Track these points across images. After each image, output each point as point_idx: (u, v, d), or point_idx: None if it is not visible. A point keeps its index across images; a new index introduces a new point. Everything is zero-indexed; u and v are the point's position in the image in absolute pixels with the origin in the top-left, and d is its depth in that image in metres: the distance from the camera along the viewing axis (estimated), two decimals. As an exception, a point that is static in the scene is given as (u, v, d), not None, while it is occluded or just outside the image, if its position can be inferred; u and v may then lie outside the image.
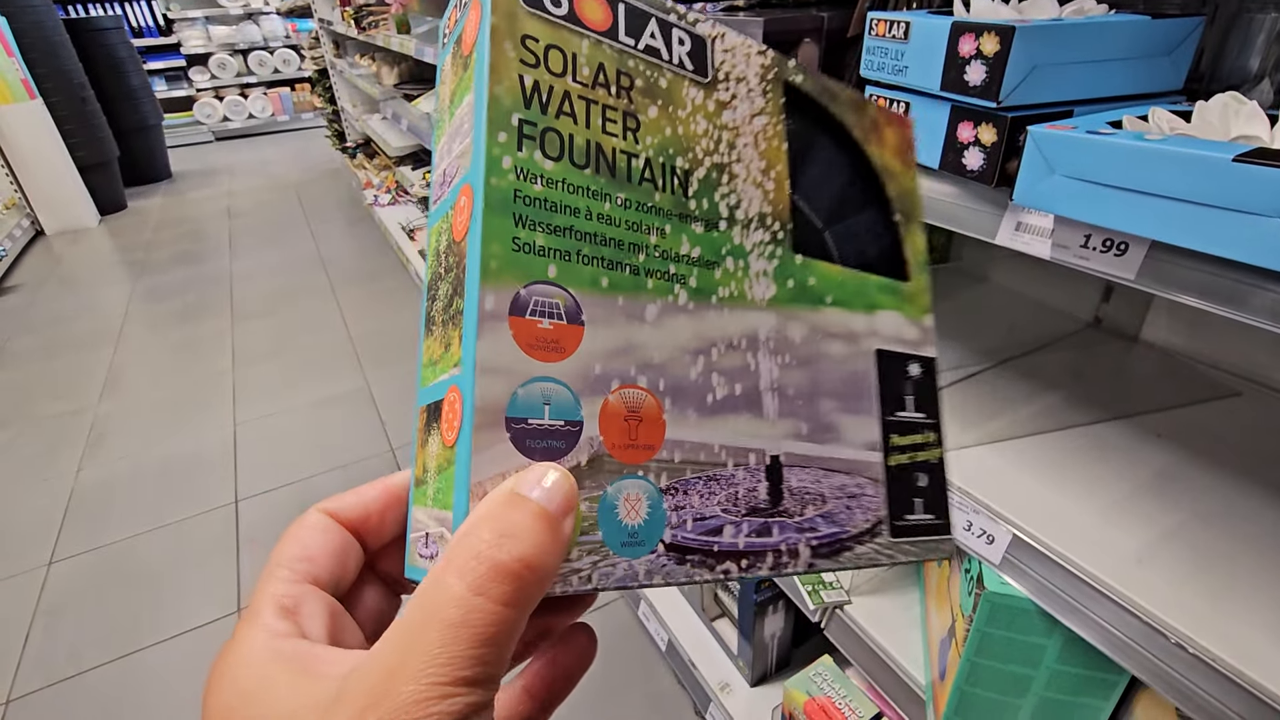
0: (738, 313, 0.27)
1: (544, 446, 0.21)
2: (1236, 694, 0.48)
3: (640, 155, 0.25)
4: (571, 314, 0.23)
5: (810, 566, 0.26)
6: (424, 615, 0.18)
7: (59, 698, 1.41)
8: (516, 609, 0.18)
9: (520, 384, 0.21)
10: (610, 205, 0.24)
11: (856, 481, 0.29)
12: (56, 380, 2.55)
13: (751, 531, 0.25)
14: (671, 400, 0.24)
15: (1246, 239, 0.37)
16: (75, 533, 1.83)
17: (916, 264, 0.33)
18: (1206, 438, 0.73)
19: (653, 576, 0.22)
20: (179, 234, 4.05)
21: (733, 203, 0.27)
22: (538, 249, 0.22)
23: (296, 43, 6.37)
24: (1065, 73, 0.50)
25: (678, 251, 0.25)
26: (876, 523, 0.29)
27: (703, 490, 0.24)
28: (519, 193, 0.22)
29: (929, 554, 0.30)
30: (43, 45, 4.04)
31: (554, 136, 0.23)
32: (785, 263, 0.28)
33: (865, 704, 0.91)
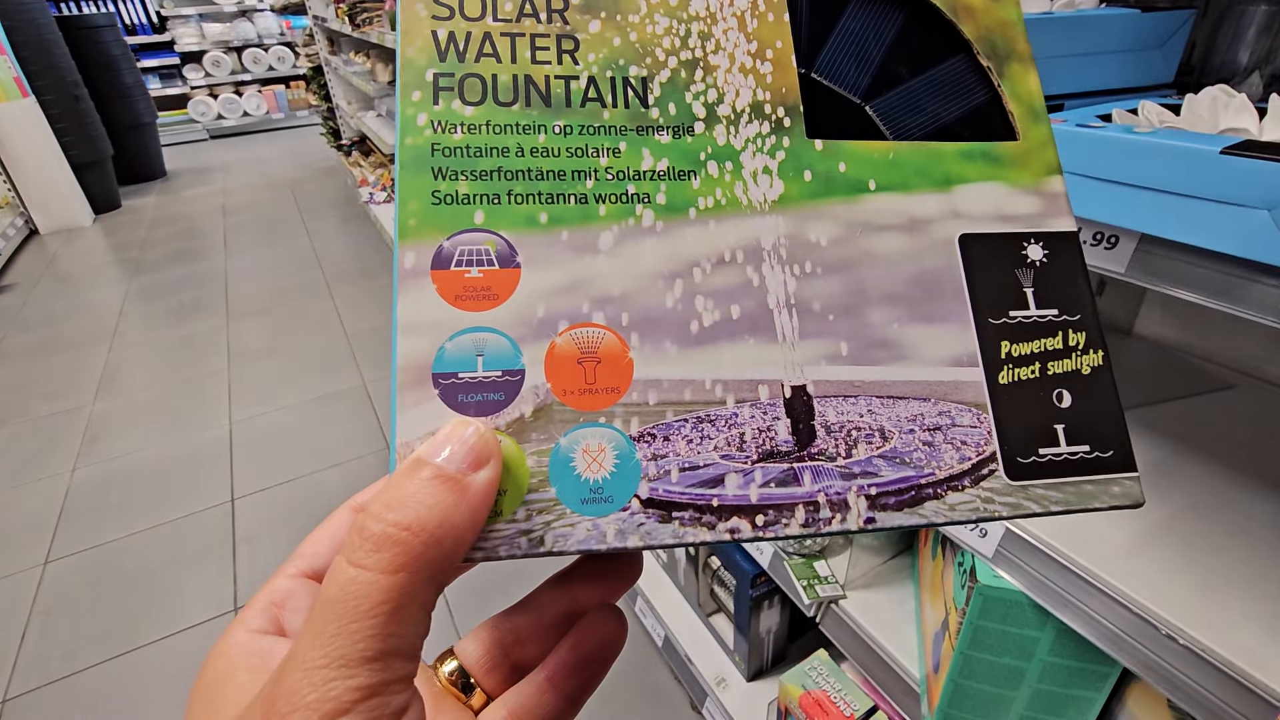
0: (728, 223, 0.22)
1: (478, 400, 0.20)
2: (1227, 685, 0.49)
3: (581, 76, 0.23)
4: (504, 258, 0.21)
5: (869, 522, 0.21)
6: (318, 600, 0.17)
7: (55, 697, 1.41)
8: (402, 574, 0.17)
9: (448, 337, 0.20)
10: (546, 136, 0.22)
11: (941, 409, 0.22)
12: (51, 379, 2.55)
13: (769, 481, 0.21)
14: (640, 335, 0.21)
15: (1235, 231, 0.37)
16: (71, 532, 1.82)
17: (1026, 114, 0.26)
18: (1199, 431, 0.73)
19: (626, 537, 0.19)
20: (174, 232, 4.04)
21: (711, 99, 0.23)
22: (461, 198, 0.21)
23: (291, 40, 6.35)
24: (1056, 66, 0.50)
25: (637, 169, 0.22)
26: (981, 460, 0.22)
27: (690, 435, 0.21)
28: (436, 146, 0.21)
29: (1089, 502, 0.22)
30: (35, 43, 4.02)
31: (474, 81, 0.22)
32: (797, 153, 0.23)
33: (860, 697, 0.92)
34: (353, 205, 4.27)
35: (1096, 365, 0.23)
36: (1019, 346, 0.23)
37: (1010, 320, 0.23)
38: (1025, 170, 0.25)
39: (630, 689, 1.38)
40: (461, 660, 0.26)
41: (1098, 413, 0.23)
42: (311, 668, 0.16)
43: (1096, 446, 0.22)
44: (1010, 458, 0.22)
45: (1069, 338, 0.23)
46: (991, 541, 0.63)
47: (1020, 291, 0.24)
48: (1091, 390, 0.23)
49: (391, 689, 0.17)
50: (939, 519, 0.21)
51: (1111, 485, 0.22)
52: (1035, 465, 0.22)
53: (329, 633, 0.16)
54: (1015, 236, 0.24)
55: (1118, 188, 0.42)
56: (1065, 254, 0.24)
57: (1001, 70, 0.26)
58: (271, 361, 2.58)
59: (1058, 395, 0.23)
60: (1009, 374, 0.23)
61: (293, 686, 0.16)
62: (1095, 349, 0.23)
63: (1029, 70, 0.26)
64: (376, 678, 0.16)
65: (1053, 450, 0.22)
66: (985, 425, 0.22)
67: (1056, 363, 0.23)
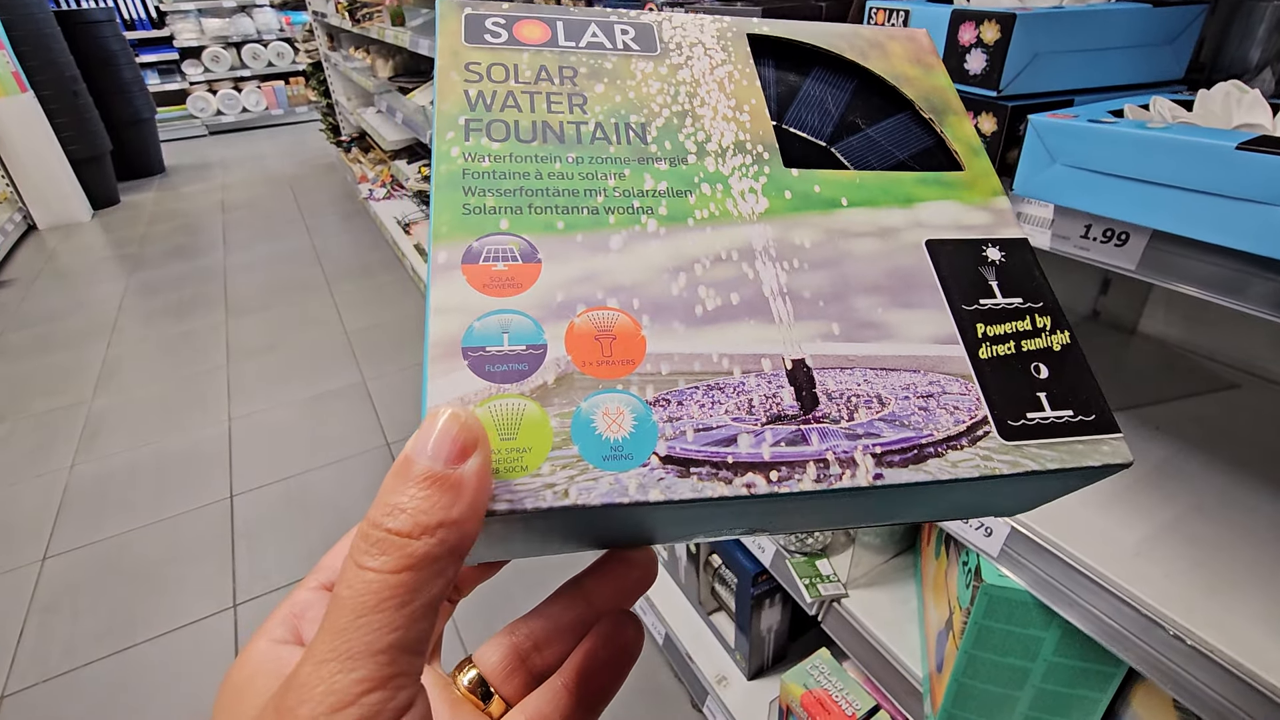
0: (723, 229, 0.25)
1: (504, 370, 0.21)
2: (1233, 685, 0.48)
3: (589, 121, 0.26)
4: (527, 254, 0.23)
5: (878, 478, 0.22)
6: (330, 602, 0.18)
7: (54, 693, 1.41)
8: (407, 573, 0.17)
9: (476, 318, 0.22)
10: (562, 164, 0.25)
11: (930, 379, 0.24)
12: (50, 375, 2.54)
13: (780, 440, 0.22)
14: (650, 317, 0.23)
15: (1249, 227, 0.36)
16: (70, 528, 1.82)
17: (968, 151, 0.30)
18: (1205, 430, 0.73)
19: (647, 490, 0.21)
20: (173, 228, 4.03)
21: (700, 139, 0.27)
22: (488, 209, 0.24)
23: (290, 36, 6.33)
24: (1066, 61, 0.50)
25: (641, 189, 0.25)
26: (974, 424, 0.24)
27: (703, 400, 0.22)
28: (467, 171, 0.24)
29: (1083, 459, 0.24)
30: (34, 38, 4.01)
31: (500, 125, 0.26)
32: (777, 178, 0.27)
33: (862, 697, 0.91)
34: (352, 202, 4.26)
35: (1066, 343, 0.26)
36: (993, 328, 0.26)
37: (981, 306, 0.26)
38: (975, 192, 0.29)
39: (631, 687, 1.37)
40: (480, 668, 0.26)
41: (1075, 382, 0.25)
42: (320, 661, 0.17)
43: (1079, 411, 0.24)
44: (1001, 420, 0.24)
45: (1036, 320, 0.26)
46: (997, 540, 0.63)
47: (986, 284, 0.27)
48: (1065, 364, 0.25)
49: (396, 683, 0.17)
50: (944, 475, 0.22)
51: (1100, 444, 0.24)
52: (1025, 427, 0.24)
53: (337, 628, 0.17)
54: (974, 241, 0.28)
55: (1130, 183, 0.41)
56: (1020, 255, 0.28)
57: (941, 121, 0.30)
58: (271, 358, 2.58)
59: (1035, 368, 0.25)
60: (988, 350, 0.25)
61: (302, 680, 0.17)
62: (1061, 330, 0.26)
63: (964, 120, 0.31)
64: (382, 671, 0.17)
65: (1040, 414, 0.24)
66: (973, 393, 0.24)
67: (1029, 341, 0.26)
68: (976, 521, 0.65)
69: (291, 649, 0.22)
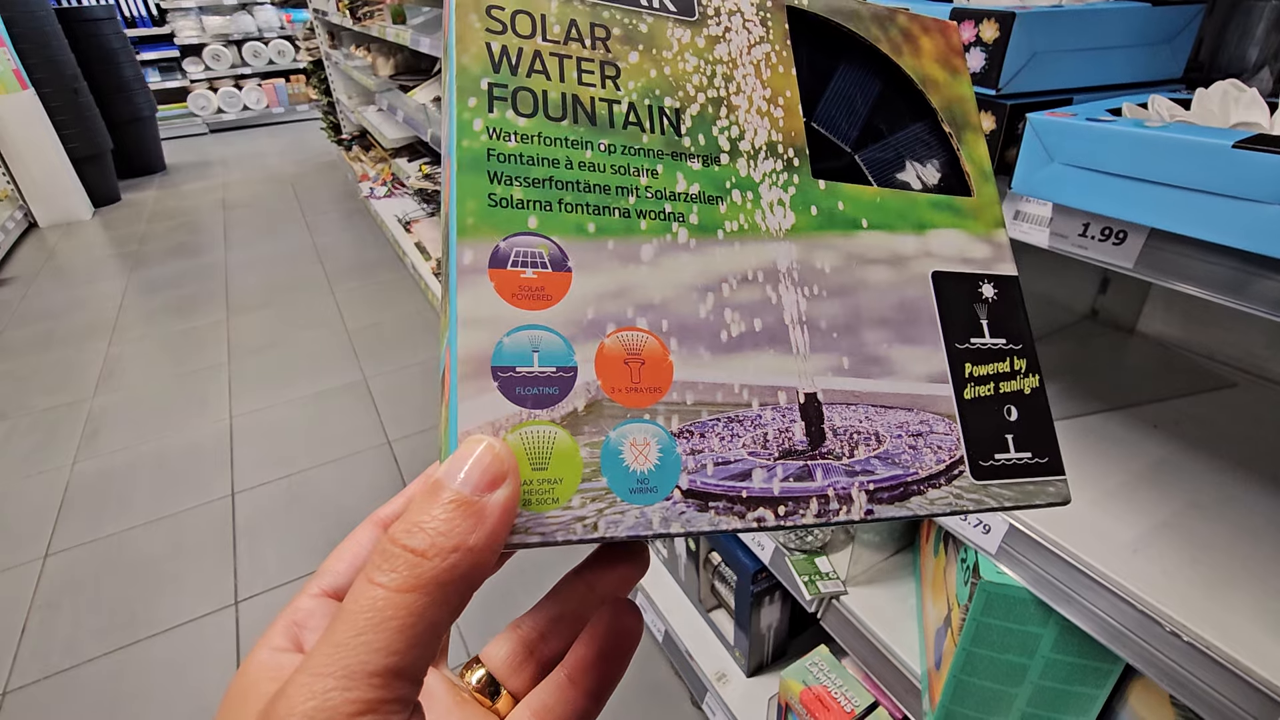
0: (750, 245, 0.25)
1: (535, 394, 0.21)
2: (1230, 681, 0.49)
3: (623, 101, 0.25)
4: (557, 262, 0.22)
5: (869, 514, 0.24)
6: (337, 612, 0.18)
7: (56, 690, 1.41)
8: (415, 594, 0.17)
9: (505, 333, 0.21)
10: (593, 152, 0.24)
11: (921, 418, 0.26)
12: (51, 373, 2.54)
13: (789, 476, 0.23)
14: (678, 340, 0.23)
15: (1246, 226, 0.37)
16: (71, 525, 1.82)
17: (979, 175, 0.30)
18: (1202, 428, 0.73)
19: (670, 524, 0.21)
20: (173, 226, 4.03)
21: (734, 135, 0.26)
22: (516, 202, 0.22)
23: (291, 33, 6.33)
24: (1065, 60, 0.50)
25: (673, 190, 0.25)
26: (953, 464, 0.25)
27: (723, 433, 0.23)
28: (492, 151, 0.23)
29: (1032, 499, 0.26)
30: (34, 35, 4.01)
31: (526, 95, 0.24)
32: (805, 190, 0.27)
33: (861, 693, 0.92)
34: (353, 200, 4.26)
35: (1035, 387, 0.28)
36: (979, 368, 0.27)
37: (971, 346, 0.27)
38: (979, 221, 0.30)
39: (631, 685, 1.38)
40: (487, 663, 0.26)
41: (1036, 426, 0.27)
42: (314, 674, 0.17)
43: (1036, 454, 0.27)
44: (974, 461, 0.26)
45: (1014, 363, 0.28)
46: (995, 538, 0.63)
47: (978, 322, 0.28)
48: (1031, 407, 0.28)
49: (388, 708, 0.17)
50: (922, 511, 0.25)
51: (1047, 485, 0.27)
52: (993, 467, 0.26)
53: (338, 642, 0.17)
54: (973, 276, 0.29)
55: (1127, 182, 0.41)
56: (1009, 293, 0.29)
57: (960, 137, 0.31)
58: (272, 356, 2.58)
59: (1007, 410, 0.27)
60: (972, 390, 0.27)
61: (294, 691, 0.16)
62: (1033, 373, 0.28)
63: (979, 139, 0.31)
64: (375, 694, 0.17)
65: (1005, 455, 0.27)
66: (955, 433, 0.26)
67: (1006, 383, 0.28)
68: (975, 519, 0.65)
69: (292, 656, 0.22)
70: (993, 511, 0.26)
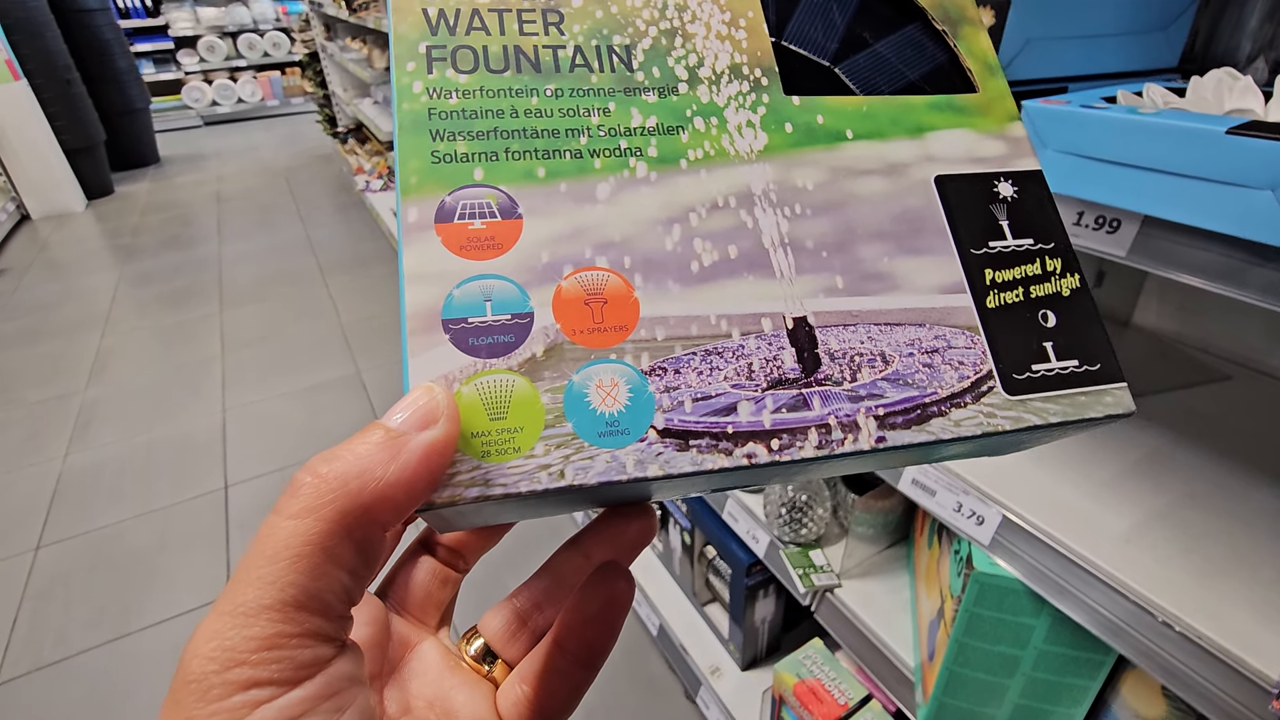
0: (719, 171, 0.24)
1: (489, 343, 0.20)
2: (1223, 671, 0.49)
3: (568, 45, 0.24)
4: (506, 210, 0.22)
5: (880, 441, 0.21)
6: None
7: (46, 682, 1.40)
8: (310, 519, 0.16)
9: (455, 285, 0.21)
10: (539, 99, 0.23)
11: (936, 333, 0.23)
12: (43, 365, 2.53)
13: (780, 407, 0.21)
14: (643, 276, 0.22)
15: (1239, 212, 0.36)
16: (63, 517, 1.81)
17: (982, 69, 0.28)
18: (1196, 420, 0.73)
19: (645, 467, 0.20)
20: (167, 219, 4.01)
21: (692, 63, 0.25)
22: (460, 156, 0.22)
23: (286, 25, 6.29)
24: (1060, 48, 0.50)
25: (627, 126, 0.23)
26: (979, 379, 0.23)
27: (700, 367, 0.21)
28: (433, 110, 0.22)
29: (1084, 412, 0.23)
30: (27, 25, 3.98)
31: (466, 52, 0.23)
32: (777, 108, 0.25)
33: (854, 686, 0.92)
34: (348, 194, 4.25)
35: (1075, 287, 0.25)
36: (1001, 273, 0.24)
37: (990, 250, 0.25)
38: (989, 118, 0.27)
39: (625, 678, 1.38)
40: (484, 633, 0.26)
41: (1082, 330, 0.24)
42: (217, 613, 0.16)
43: (1085, 361, 0.24)
44: (1006, 375, 0.23)
45: (1046, 264, 0.25)
46: (989, 529, 0.63)
47: (996, 224, 0.25)
48: (1073, 310, 0.24)
49: (294, 642, 0.16)
50: (946, 434, 0.22)
51: (1104, 395, 0.23)
52: (1030, 380, 0.23)
53: (236, 578, 0.16)
54: (986, 176, 0.26)
55: (1121, 169, 0.41)
56: (1034, 189, 0.26)
57: (955, 33, 0.28)
58: (265, 349, 2.57)
59: (1043, 316, 0.24)
60: (995, 298, 0.24)
61: (198, 634, 0.16)
62: (1072, 273, 0.25)
63: (980, 31, 0.28)
64: (274, 628, 0.16)
65: (1045, 366, 0.23)
66: (979, 346, 0.23)
67: (1038, 286, 0.24)
68: (969, 510, 0.65)
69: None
70: (1037, 431, 0.23)
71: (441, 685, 0.24)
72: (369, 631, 0.24)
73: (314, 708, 0.16)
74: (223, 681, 0.15)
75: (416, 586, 0.27)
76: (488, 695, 0.25)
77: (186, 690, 0.15)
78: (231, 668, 0.15)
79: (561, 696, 0.24)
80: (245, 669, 0.15)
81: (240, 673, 0.15)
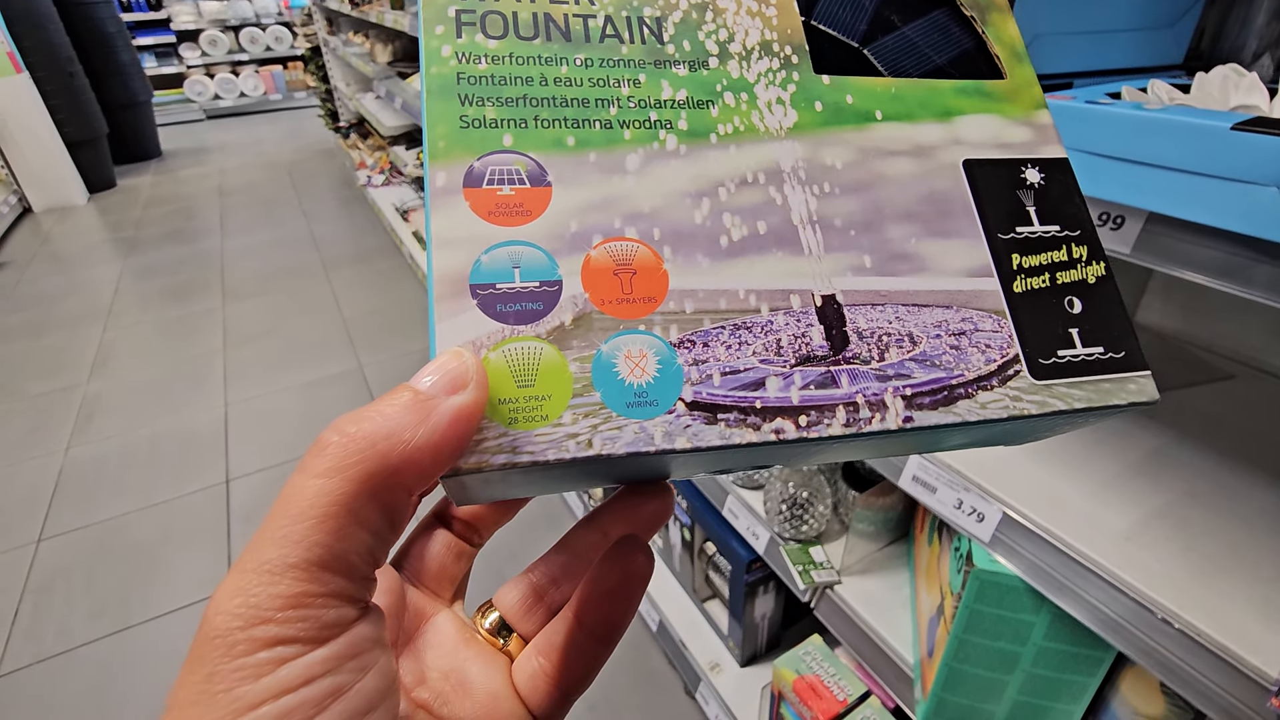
0: (748, 147, 0.24)
1: (517, 309, 0.20)
2: (1221, 668, 0.49)
3: (598, 15, 0.24)
4: (535, 177, 0.22)
5: (907, 421, 0.21)
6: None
7: (48, 674, 1.41)
8: (336, 479, 0.16)
9: (484, 250, 0.20)
10: (569, 67, 0.23)
11: (963, 316, 0.23)
12: (45, 358, 2.53)
13: (809, 384, 0.21)
14: (672, 249, 0.22)
15: (1244, 209, 0.36)
16: (65, 510, 1.82)
17: (1010, 56, 0.28)
18: (1199, 419, 0.73)
19: (674, 439, 0.20)
20: (169, 212, 4.01)
21: (722, 38, 0.25)
22: (489, 122, 0.22)
23: (289, 19, 6.29)
24: (1066, 44, 0.50)
25: (657, 98, 0.23)
26: (1005, 363, 0.23)
27: (729, 341, 0.21)
28: (462, 75, 0.22)
29: (1109, 399, 0.23)
30: (29, 18, 3.97)
31: (495, 18, 0.23)
32: (807, 86, 0.25)
33: (854, 682, 0.92)
34: (350, 188, 4.24)
35: (1100, 275, 0.25)
36: (1028, 259, 0.24)
37: (1018, 235, 0.25)
38: (1016, 104, 0.27)
39: (625, 674, 1.38)
40: (499, 606, 0.26)
41: (1107, 317, 0.24)
42: (241, 570, 0.16)
43: (1110, 348, 0.24)
44: (1032, 359, 0.23)
45: (1072, 251, 0.25)
46: (989, 526, 0.63)
47: (1024, 210, 0.25)
48: (1099, 297, 0.25)
49: (320, 602, 0.16)
50: (973, 417, 0.22)
51: (1127, 383, 0.23)
52: (1056, 365, 0.23)
53: (262, 536, 0.16)
54: (1014, 162, 0.26)
55: (1126, 165, 0.41)
56: (1060, 177, 0.26)
57: (984, 19, 0.28)
58: (267, 343, 2.57)
59: (1069, 302, 0.24)
60: (1022, 283, 0.24)
61: (222, 589, 0.16)
62: (1097, 260, 0.25)
63: (1008, 18, 0.28)
64: (300, 587, 0.16)
65: (1070, 351, 0.23)
66: (1006, 330, 0.23)
67: (1064, 273, 0.25)
68: (969, 507, 0.65)
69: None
70: (1061, 416, 0.23)
71: (456, 657, 0.24)
72: (385, 601, 0.24)
73: (337, 667, 0.16)
74: (248, 638, 0.15)
75: (431, 559, 0.27)
76: (503, 668, 0.25)
77: (210, 646, 0.15)
78: (257, 624, 0.15)
79: (579, 670, 0.24)
80: (271, 626, 0.15)
81: (265, 630, 0.15)
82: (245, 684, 0.15)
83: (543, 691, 0.24)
